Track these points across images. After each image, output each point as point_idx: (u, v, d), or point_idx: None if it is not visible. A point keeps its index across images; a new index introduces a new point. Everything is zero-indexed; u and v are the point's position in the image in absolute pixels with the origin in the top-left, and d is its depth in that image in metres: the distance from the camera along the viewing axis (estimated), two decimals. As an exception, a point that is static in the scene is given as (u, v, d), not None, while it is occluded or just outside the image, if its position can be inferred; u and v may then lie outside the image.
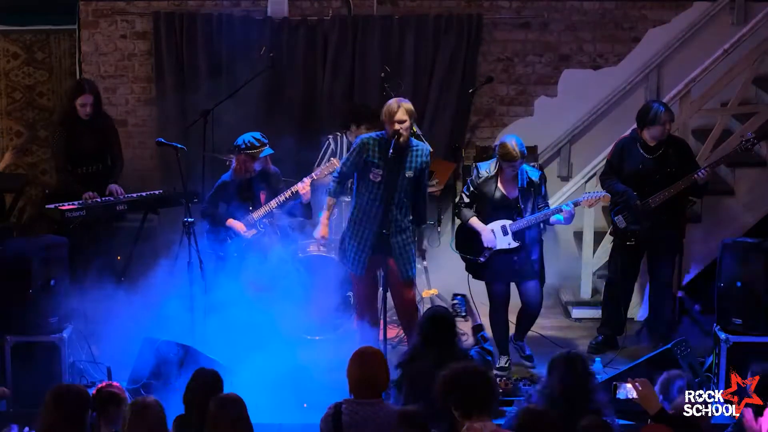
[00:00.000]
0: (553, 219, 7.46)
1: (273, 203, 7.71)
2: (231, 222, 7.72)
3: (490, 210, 7.47)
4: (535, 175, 7.49)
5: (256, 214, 7.72)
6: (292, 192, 7.70)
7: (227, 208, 7.75)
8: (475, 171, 7.58)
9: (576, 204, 7.56)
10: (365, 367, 5.46)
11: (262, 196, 7.78)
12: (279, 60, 9.28)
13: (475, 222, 7.49)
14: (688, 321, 8.31)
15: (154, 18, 9.45)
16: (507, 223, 7.43)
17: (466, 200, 7.56)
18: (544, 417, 5.09)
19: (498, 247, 7.46)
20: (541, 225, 7.54)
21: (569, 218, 7.45)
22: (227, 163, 7.99)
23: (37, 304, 7.03)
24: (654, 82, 9.61)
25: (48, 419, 5.14)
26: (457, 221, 9.22)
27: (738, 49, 8.82)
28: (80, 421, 5.20)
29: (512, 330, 7.80)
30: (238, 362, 6.79)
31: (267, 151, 7.70)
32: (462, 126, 9.60)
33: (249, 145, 7.66)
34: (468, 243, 7.59)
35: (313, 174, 7.77)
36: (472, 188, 7.54)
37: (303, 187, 7.67)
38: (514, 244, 7.44)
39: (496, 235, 7.46)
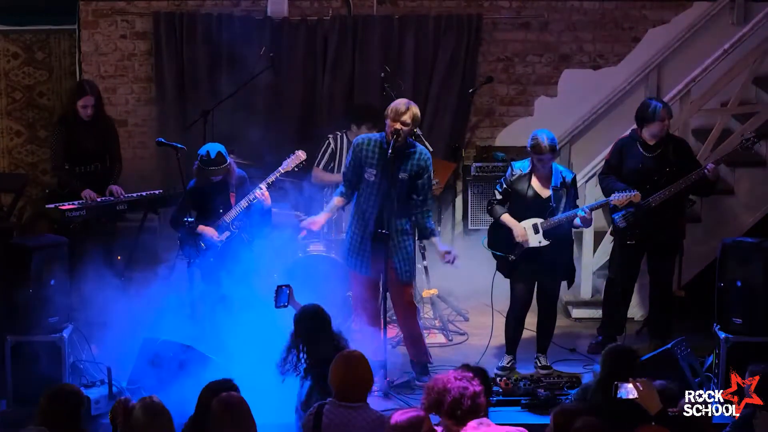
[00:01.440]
0: (575, 221, 7.48)
1: (244, 203, 7.65)
2: (202, 228, 7.66)
3: (522, 208, 7.47)
4: (569, 176, 7.51)
5: (228, 216, 7.67)
6: (249, 200, 7.64)
7: (198, 214, 7.71)
8: (509, 169, 7.58)
9: (607, 203, 7.61)
10: (351, 371, 5.46)
11: (232, 198, 7.73)
12: (279, 60, 9.28)
13: (506, 218, 7.50)
14: (688, 321, 8.31)
15: (154, 18, 9.45)
16: (538, 221, 7.44)
17: (499, 197, 7.57)
18: (578, 416, 5.09)
19: (528, 246, 7.46)
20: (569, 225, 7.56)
21: (587, 222, 7.47)
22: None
23: (37, 304, 7.02)
24: (654, 82, 9.61)
25: (43, 421, 5.14)
26: (460, 221, 9.25)
27: (738, 49, 8.83)
28: (76, 421, 5.20)
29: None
30: (238, 362, 6.78)
31: (220, 171, 7.55)
32: (462, 126, 9.60)
33: (202, 159, 7.56)
34: (500, 241, 7.59)
35: (280, 168, 7.73)
36: (505, 185, 7.55)
37: (261, 194, 7.63)
38: (545, 243, 7.43)
39: (528, 233, 7.47)
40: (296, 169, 7.82)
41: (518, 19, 9.63)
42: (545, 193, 7.46)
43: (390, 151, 7.10)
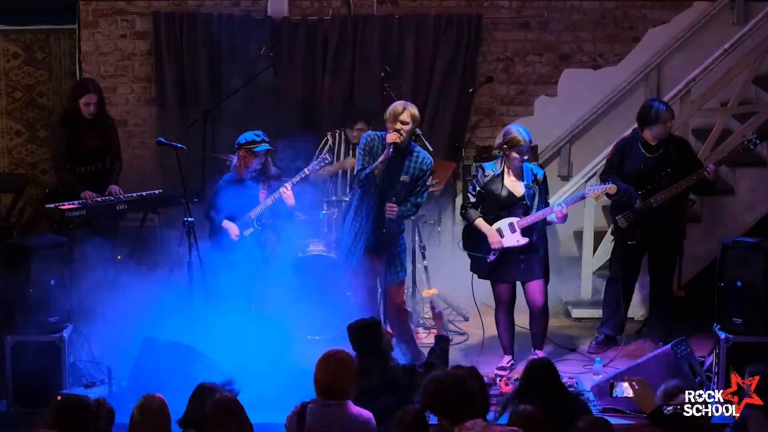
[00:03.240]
0: (549, 218, 7.47)
1: (269, 200, 7.69)
2: (225, 224, 7.70)
3: (497, 209, 7.46)
4: (539, 173, 7.51)
5: (254, 213, 7.71)
6: (274, 198, 7.66)
7: (228, 208, 7.73)
8: (480, 171, 7.57)
9: (582, 197, 7.56)
10: (332, 371, 5.48)
11: (262, 195, 7.76)
12: (279, 60, 9.28)
13: (480, 223, 7.48)
14: (688, 321, 8.31)
15: (154, 18, 9.45)
16: (515, 220, 7.43)
17: (472, 200, 7.55)
18: (535, 418, 5.11)
19: (506, 246, 7.46)
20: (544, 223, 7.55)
21: (562, 218, 7.43)
22: (227, 164, 7.98)
23: (37, 304, 7.02)
24: (654, 82, 9.61)
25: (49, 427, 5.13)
26: (459, 221, 9.25)
27: (738, 49, 8.83)
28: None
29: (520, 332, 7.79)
30: (238, 362, 6.78)
31: (265, 146, 7.68)
32: (462, 126, 9.61)
33: (249, 140, 7.67)
34: (475, 242, 7.58)
35: (306, 169, 7.74)
36: (478, 188, 7.53)
37: (284, 191, 7.64)
38: (523, 241, 7.42)
39: (504, 233, 7.45)
40: (321, 169, 7.82)
41: (518, 19, 9.63)
42: (519, 191, 7.46)
43: (390, 150, 7.10)
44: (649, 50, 9.64)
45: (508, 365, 7.66)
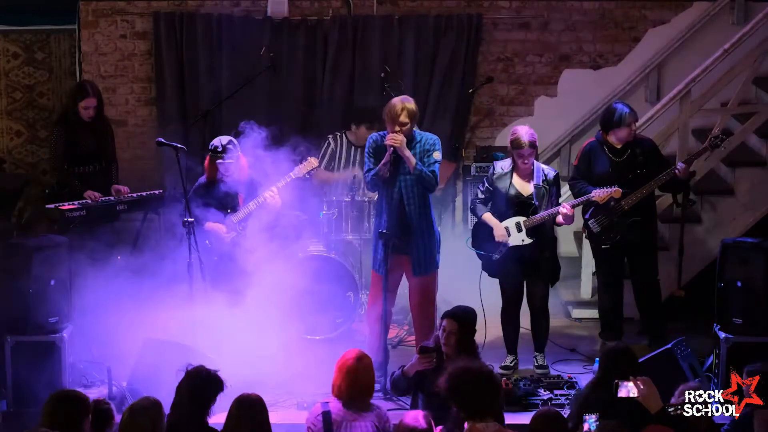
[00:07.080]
0: (558, 219, 7.46)
1: (252, 205, 7.64)
2: (210, 225, 7.65)
3: (504, 207, 7.48)
4: (551, 174, 7.51)
5: (236, 217, 7.65)
6: (258, 202, 7.61)
7: (206, 211, 7.69)
8: (491, 168, 7.61)
9: (588, 199, 7.54)
10: (348, 376, 5.56)
11: (240, 198, 7.71)
12: (279, 60, 9.29)
13: (488, 217, 7.51)
14: (688, 321, 8.30)
15: (154, 18, 9.45)
16: (521, 219, 7.44)
17: (482, 197, 7.59)
18: (557, 421, 5.10)
19: (511, 244, 7.46)
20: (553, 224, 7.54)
21: (568, 219, 7.44)
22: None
23: (37, 304, 7.02)
24: (654, 82, 9.62)
25: (46, 423, 5.12)
26: (460, 221, 9.25)
27: (738, 49, 8.82)
28: (78, 426, 5.18)
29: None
30: (238, 362, 6.78)
31: (230, 158, 7.58)
32: (462, 126, 9.61)
33: (213, 149, 7.62)
34: (483, 240, 7.59)
35: (291, 173, 7.70)
36: (487, 184, 7.57)
37: (271, 196, 7.60)
38: (528, 241, 7.44)
39: (510, 232, 7.47)
40: (307, 176, 7.80)
41: (518, 19, 9.63)
42: (527, 191, 7.47)
43: (391, 152, 7.10)
44: (649, 50, 9.64)
45: (512, 365, 7.65)
